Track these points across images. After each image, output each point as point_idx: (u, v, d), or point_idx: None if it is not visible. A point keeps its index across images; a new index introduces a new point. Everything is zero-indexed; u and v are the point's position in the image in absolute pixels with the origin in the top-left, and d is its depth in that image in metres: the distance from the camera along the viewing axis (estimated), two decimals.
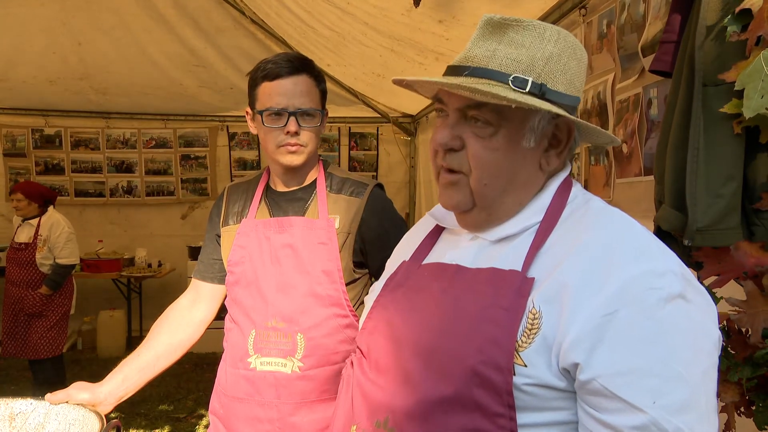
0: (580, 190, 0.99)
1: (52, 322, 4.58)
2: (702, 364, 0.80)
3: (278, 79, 1.58)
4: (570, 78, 0.93)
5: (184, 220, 6.70)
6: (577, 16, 2.90)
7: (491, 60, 0.91)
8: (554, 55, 0.91)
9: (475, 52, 0.92)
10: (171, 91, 5.65)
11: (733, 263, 1.22)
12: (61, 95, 5.68)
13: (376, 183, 1.73)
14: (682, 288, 0.80)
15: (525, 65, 0.90)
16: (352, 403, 1.00)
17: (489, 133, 0.92)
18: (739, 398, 1.19)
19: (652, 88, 2.18)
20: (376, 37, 3.91)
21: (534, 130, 0.93)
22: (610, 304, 0.79)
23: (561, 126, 0.95)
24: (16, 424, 1.35)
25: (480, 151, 0.92)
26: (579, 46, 0.96)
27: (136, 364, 1.61)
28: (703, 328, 0.82)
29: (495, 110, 0.91)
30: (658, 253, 0.84)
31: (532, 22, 0.92)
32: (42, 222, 4.63)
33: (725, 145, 1.28)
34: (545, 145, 0.95)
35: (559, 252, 0.88)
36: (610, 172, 2.55)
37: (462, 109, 0.93)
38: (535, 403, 0.84)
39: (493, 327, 0.85)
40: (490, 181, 0.93)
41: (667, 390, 0.77)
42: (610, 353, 0.79)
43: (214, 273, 1.78)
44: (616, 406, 0.78)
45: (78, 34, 4.60)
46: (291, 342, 1.57)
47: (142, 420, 4.44)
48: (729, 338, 1.20)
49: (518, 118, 0.92)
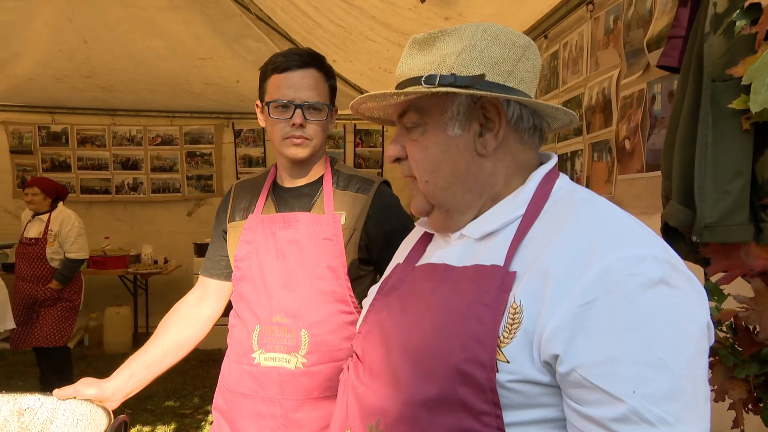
0: (566, 182, 0.98)
1: (60, 313, 4.63)
2: (688, 350, 0.77)
3: (287, 71, 1.59)
4: (492, 62, 0.93)
5: (190, 217, 6.72)
6: (584, 12, 2.89)
7: (411, 71, 0.96)
8: (467, 47, 0.93)
9: (402, 68, 0.98)
10: (177, 88, 5.65)
11: (741, 260, 1.22)
12: (68, 92, 5.69)
13: (382, 180, 1.72)
14: (665, 273, 0.78)
15: (436, 64, 0.93)
16: (347, 407, 1.00)
17: (419, 134, 0.97)
18: (746, 395, 1.19)
19: (656, 83, 2.17)
20: (383, 31, 3.90)
21: (455, 117, 0.95)
22: (589, 292, 0.77)
23: (488, 107, 0.94)
24: (25, 419, 1.36)
25: (415, 153, 0.98)
26: (504, 34, 0.95)
27: (143, 361, 1.61)
28: (689, 314, 0.78)
29: (416, 111, 0.97)
30: (641, 239, 0.82)
31: (456, 27, 0.95)
32: (52, 217, 4.68)
33: (733, 140, 1.28)
34: (477, 130, 0.95)
35: (540, 243, 0.87)
36: (612, 169, 2.55)
37: (398, 120, 1.01)
38: (521, 400, 0.83)
39: (476, 324, 0.84)
40: (430, 177, 0.97)
41: (648, 377, 0.74)
42: (589, 343, 0.76)
43: (221, 270, 1.78)
44: (597, 398, 0.76)
45: (84, 31, 4.61)
46: (295, 338, 1.58)
47: (148, 416, 4.46)
48: (736, 335, 1.20)
49: (437, 112, 0.95)
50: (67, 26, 4.53)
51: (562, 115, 0.99)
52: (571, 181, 0.99)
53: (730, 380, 1.20)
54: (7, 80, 5.30)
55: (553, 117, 1.00)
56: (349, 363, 1.07)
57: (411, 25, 3.64)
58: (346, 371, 1.06)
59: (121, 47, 4.85)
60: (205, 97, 5.90)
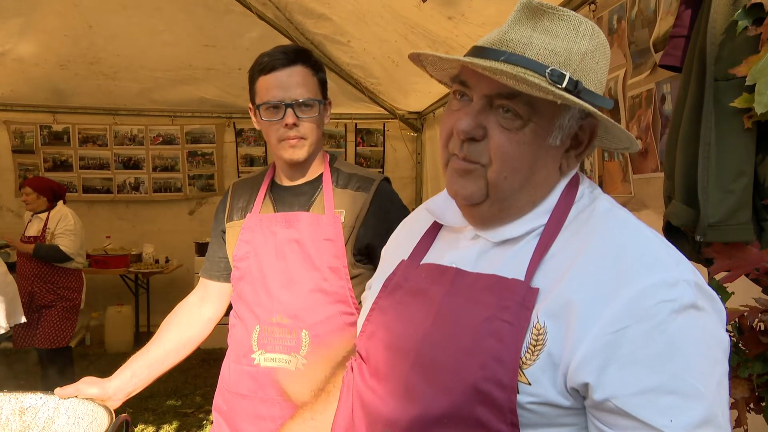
0: (587, 186, 0.94)
1: (62, 313, 4.64)
2: (716, 374, 0.77)
3: (273, 71, 1.57)
4: (600, 77, 0.89)
5: (191, 216, 6.71)
6: (587, 12, 2.88)
7: (528, 48, 0.84)
8: (589, 51, 0.86)
9: (512, 36, 0.86)
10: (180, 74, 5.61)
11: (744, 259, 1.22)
12: (72, 80, 5.66)
13: (383, 177, 1.71)
14: (695, 297, 0.77)
15: (563, 58, 0.84)
16: (352, 412, 0.98)
17: (517, 125, 0.86)
18: (749, 394, 1.19)
19: (665, 83, 2.16)
20: (392, 21, 3.86)
21: (562, 128, 0.88)
22: (620, 320, 0.76)
23: (585, 127, 0.90)
24: (26, 418, 1.36)
25: (505, 143, 0.86)
26: (608, 45, 0.91)
27: (144, 360, 1.61)
28: (714, 336, 0.79)
29: (528, 102, 0.85)
30: (670, 261, 0.80)
31: (567, 12, 0.86)
32: (51, 216, 4.71)
33: (736, 140, 1.28)
34: (567, 145, 0.91)
35: (564, 260, 0.84)
36: (627, 168, 2.54)
37: (491, 96, 0.87)
38: (539, 420, 0.81)
39: (496, 342, 0.82)
40: (510, 174, 0.88)
41: (684, 407, 0.74)
42: (623, 372, 0.76)
43: (220, 271, 1.77)
44: (632, 425, 0.76)
45: (89, 15, 4.66)
46: (295, 338, 1.57)
47: (150, 415, 4.46)
48: (741, 335, 1.19)
49: (549, 114, 0.86)
50: (72, 11, 4.57)
51: (627, 143, 0.95)
52: (593, 183, 0.96)
53: (733, 379, 1.20)
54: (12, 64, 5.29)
55: (615, 140, 0.96)
56: (352, 363, 1.04)
57: (416, 19, 3.62)
58: (350, 372, 1.04)
59: (125, 32, 4.89)
60: (207, 96, 5.89)
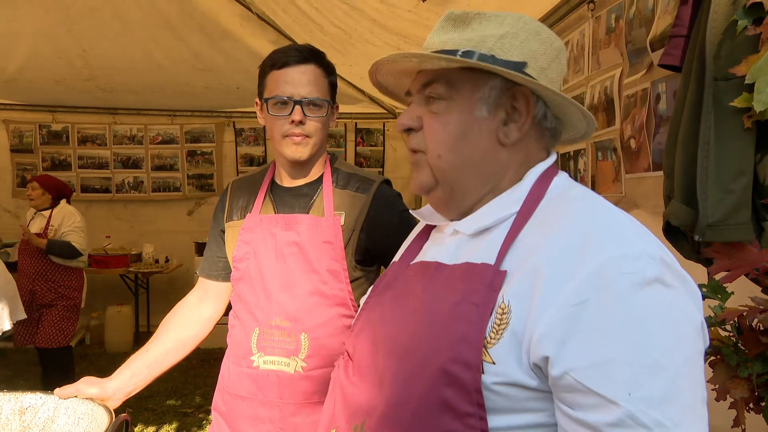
0: (564, 180, 0.95)
1: (62, 312, 4.64)
2: (684, 351, 0.74)
3: (285, 67, 1.57)
4: (531, 54, 0.91)
5: (190, 216, 6.72)
6: (586, 11, 2.88)
7: (444, 44, 0.92)
8: (509, 33, 0.91)
9: (432, 41, 0.94)
10: (177, 90, 5.63)
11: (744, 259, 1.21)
12: (68, 93, 5.67)
13: (383, 179, 1.70)
14: (659, 272, 0.75)
15: (475, 42, 0.90)
16: (334, 406, 0.99)
17: (443, 107, 0.93)
18: (748, 394, 1.18)
19: (660, 83, 2.17)
20: (383, 34, 3.88)
21: (485, 99, 0.92)
22: (582, 292, 0.75)
23: (518, 96, 0.92)
24: (26, 418, 1.36)
25: (434, 125, 0.94)
26: (545, 31, 0.94)
27: (144, 360, 1.61)
28: (683, 314, 0.76)
29: (445, 83, 0.92)
30: (634, 236, 0.79)
31: (495, 13, 0.92)
32: (54, 213, 4.71)
33: (736, 139, 1.28)
34: (502, 117, 0.93)
35: (531, 242, 0.84)
36: (619, 168, 2.54)
37: (419, 89, 0.96)
38: (507, 404, 0.80)
39: (464, 324, 0.82)
40: (444, 153, 0.93)
41: (643, 380, 0.71)
42: (582, 344, 0.74)
43: (219, 271, 1.77)
44: (592, 402, 0.73)
45: (83, 41, 4.57)
46: (295, 341, 1.56)
47: (150, 415, 4.46)
48: (741, 334, 1.19)
49: (468, 89, 0.92)
50: (65, 36, 4.49)
51: (583, 123, 0.97)
52: (571, 179, 0.97)
53: (731, 379, 1.20)
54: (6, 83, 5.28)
55: (572, 124, 0.98)
56: (340, 361, 1.05)
57: (410, 28, 3.63)
58: (337, 369, 1.05)
59: (120, 56, 4.82)
60: (206, 97, 5.90)
